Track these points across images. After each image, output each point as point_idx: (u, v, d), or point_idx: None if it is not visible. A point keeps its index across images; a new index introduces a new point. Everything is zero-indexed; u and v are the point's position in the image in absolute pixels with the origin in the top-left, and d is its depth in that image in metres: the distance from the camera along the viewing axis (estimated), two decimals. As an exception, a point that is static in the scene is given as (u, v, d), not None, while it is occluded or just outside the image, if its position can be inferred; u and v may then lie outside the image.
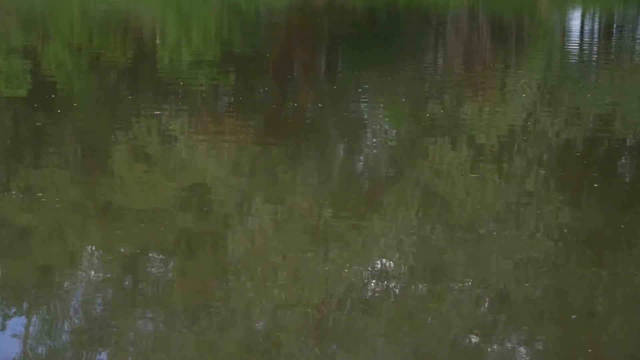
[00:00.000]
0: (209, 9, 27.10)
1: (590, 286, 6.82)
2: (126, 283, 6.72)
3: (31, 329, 5.99)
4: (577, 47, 20.19)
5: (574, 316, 6.28)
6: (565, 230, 7.91)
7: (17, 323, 6.05)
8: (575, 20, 26.94)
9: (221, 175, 9.41)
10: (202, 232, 7.73)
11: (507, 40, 21.12)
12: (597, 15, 28.28)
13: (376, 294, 6.54)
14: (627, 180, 9.87)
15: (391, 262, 7.15)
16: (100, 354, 5.70)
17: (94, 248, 7.36)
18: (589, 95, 14.05)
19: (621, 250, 7.55)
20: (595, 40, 22.04)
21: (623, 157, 10.64)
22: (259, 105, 13.14)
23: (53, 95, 13.25)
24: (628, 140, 11.15)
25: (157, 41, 20.25)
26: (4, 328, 5.99)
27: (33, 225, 7.87)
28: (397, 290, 6.62)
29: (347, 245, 7.43)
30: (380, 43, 20.34)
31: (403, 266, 7.10)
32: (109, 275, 6.79)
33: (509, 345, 5.92)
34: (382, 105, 13.26)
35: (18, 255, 7.22)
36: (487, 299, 6.54)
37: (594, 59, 18.86)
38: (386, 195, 8.72)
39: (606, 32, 24.17)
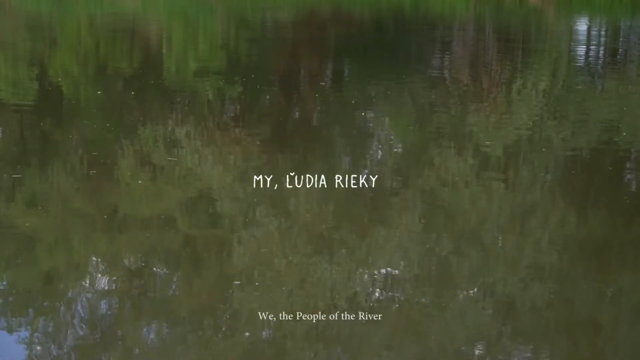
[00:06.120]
0: (215, 17, 27.15)
1: (596, 297, 6.80)
2: (131, 291, 6.72)
3: (35, 337, 6.00)
4: (584, 57, 20.17)
5: (579, 327, 6.26)
6: (570, 241, 7.89)
7: (21, 331, 6.06)
8: (581, 30, 26.92)
9: (227, 184, 9.41)
10: (208, 241, 7.73)
11: (514, 49, 21.10)
12: (604, 25, 28.27)
13: (381, 303, 6.53)
14: (633, 190, 9.84)
15: (396, 270, 7.14)
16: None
17: (99, 256, 7.37)
18: (595, 105, 14.02)
19: (627, 261, 7.53)
20: (602, 50, 22.02)
21: (629, 168, 10.62)
22: (265, 114, 13.15)
23: (59, 103, 13.27)
24: (634, 151, 11.12)
25: (164, 49, 20.29)
26: (10, 334, 5.99)
27: (38, 233, 7.88)
28: (401, 299, 6.61)
29: (352, 253, 7.42)
30: (386, 52, 20.35)
31: (408, 275, 7.08)
32: (113, 284, 6.79)
33: (513, 355, 5.90)
34: (387, 114, 13.26)
35: (23, 263, 7.23)
36: (492, 309, 6.53)
37: (600, 69, 18.84)
38: (391, 204, 8.71)
39: (613, 42, 24.15)
